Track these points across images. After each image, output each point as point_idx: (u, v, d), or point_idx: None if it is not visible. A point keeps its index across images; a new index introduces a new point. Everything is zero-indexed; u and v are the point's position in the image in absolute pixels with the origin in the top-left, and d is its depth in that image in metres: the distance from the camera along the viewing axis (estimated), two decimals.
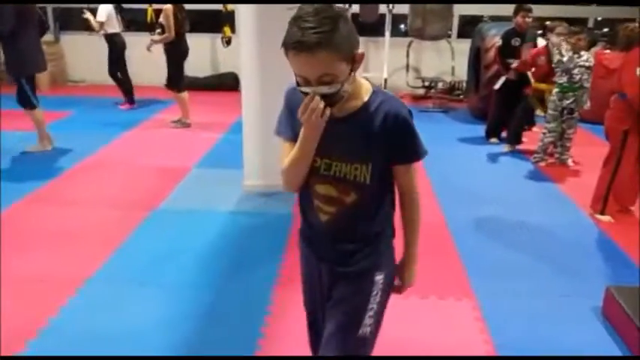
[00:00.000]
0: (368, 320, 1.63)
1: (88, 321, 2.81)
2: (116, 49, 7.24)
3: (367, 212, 1.63)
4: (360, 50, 1.45)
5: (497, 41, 6.27)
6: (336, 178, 1.58)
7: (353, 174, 1.56)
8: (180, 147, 5.91)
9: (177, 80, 6.50)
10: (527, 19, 5.86)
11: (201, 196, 4.54)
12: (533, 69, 5.66)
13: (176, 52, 6.40)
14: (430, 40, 8.28)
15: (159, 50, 6.45)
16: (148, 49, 6.36)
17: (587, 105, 5.23)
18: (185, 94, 6.62)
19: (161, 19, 6.19)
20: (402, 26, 9.70)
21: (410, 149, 1.57)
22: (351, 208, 1.60)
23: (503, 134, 6.26)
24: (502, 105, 6.07)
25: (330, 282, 1.71)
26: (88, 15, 7.06)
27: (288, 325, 2.79)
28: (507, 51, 5.95)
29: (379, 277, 1.66)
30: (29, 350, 2.56)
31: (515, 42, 5.90)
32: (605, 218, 4.18)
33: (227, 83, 8.98)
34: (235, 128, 6.15)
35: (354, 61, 1.44)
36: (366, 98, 1.53)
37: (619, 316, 2.78)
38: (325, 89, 1.41)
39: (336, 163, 1.57)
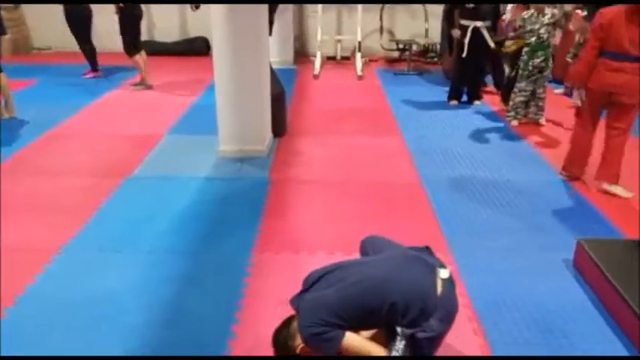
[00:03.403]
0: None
1: (65, 287, 2.78)
2: (82, 16, 6.97)
3: None
4: (300, 348, 2.08)
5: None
6: None
7: None
8: (152, 114, 5.79)
9: (130, 44, 6.52)
10: None
11: (175, 162, 4.48)
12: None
13: (127, 17, 6.42)
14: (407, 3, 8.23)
15: None
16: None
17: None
18: (139, 57, 6.62)
19: None
20: None
21: None
22: None
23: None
24: (461, 69, 6.15)
25: None
26: None
27: (268, 285, 2.81)
28: (463, 13, 5.98)
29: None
30: (7, 317, 2.53)
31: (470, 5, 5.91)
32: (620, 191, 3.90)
33: (197, 48, 8.78)
34: (208, 93, 6.08)
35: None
36: None
37: (589, 267, 2.86)
38: None
39: None
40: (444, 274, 2.06)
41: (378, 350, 1.95)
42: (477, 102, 6.30)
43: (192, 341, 2.42)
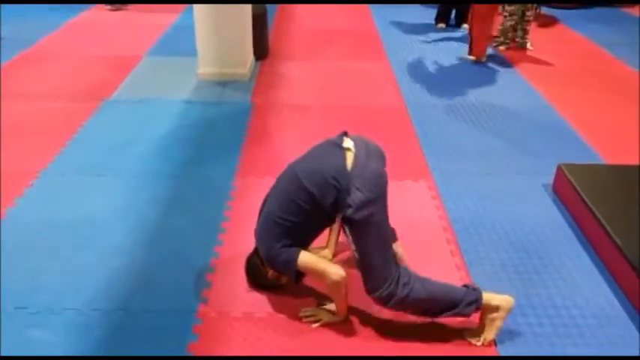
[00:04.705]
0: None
1: (47, 210, 2.77)
2: None
3: None
4: (270, 272, 2.18)
5: None
6: None
7: None
8: (130, 34, 5.58)
9: None
10: None
11: (154, 85, 4.36)
12: None
13: None
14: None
15: None
16: None
17: None
18: None
19: None
20: None
21: None
22: None
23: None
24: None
25: None
26: None
27: (251, 208, 2.79)
28: None
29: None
30: None
31: None
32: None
33: None
34: (188, 13, 5.83)
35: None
36: None
37: (568, 192, 2.91)
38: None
39: None
40: (348, 143, 2.04)
41: (331, 267, 2.01)
42: (465, 25, 6.13)
43: (177, 261, 2.45)
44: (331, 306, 2.15)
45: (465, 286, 2.07)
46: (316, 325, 2.12)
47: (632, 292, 2.29)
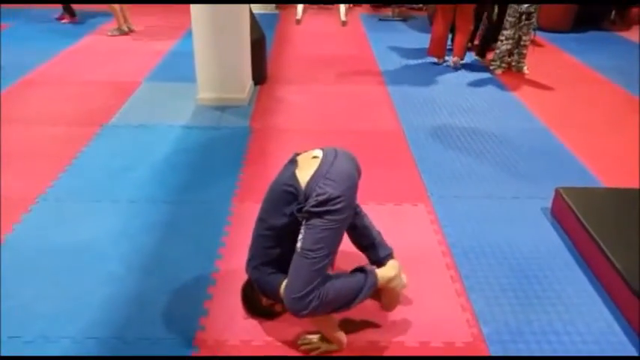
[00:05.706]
0: None
1: (45, 236, 2.76)
2: None
3: None
4: (265, 300, 2.19)
5: None
6: None
7: None
8: (129, 60, 5.63)
9: None
10: None
11: (153, 110, 4.38)
12: None
13: None
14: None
15: None
16: None
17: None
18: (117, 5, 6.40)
19: None
20: None
21: None
22: None
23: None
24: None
25: None
26: None
27: (248, 234, 2.77)
28: None
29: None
30: None
31: None
32: None
33: None
34: (187, 39, 5.90)
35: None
36: None
37: (567, 216, 2.90)
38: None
39: None
40: (316, 152, 2.10)
41: None
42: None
43: (174, 288, 2.43)
44: None
45: (359, 269, 2.07)
46: (314, 353, 2.10)
47: (632, 316, 2.27)
